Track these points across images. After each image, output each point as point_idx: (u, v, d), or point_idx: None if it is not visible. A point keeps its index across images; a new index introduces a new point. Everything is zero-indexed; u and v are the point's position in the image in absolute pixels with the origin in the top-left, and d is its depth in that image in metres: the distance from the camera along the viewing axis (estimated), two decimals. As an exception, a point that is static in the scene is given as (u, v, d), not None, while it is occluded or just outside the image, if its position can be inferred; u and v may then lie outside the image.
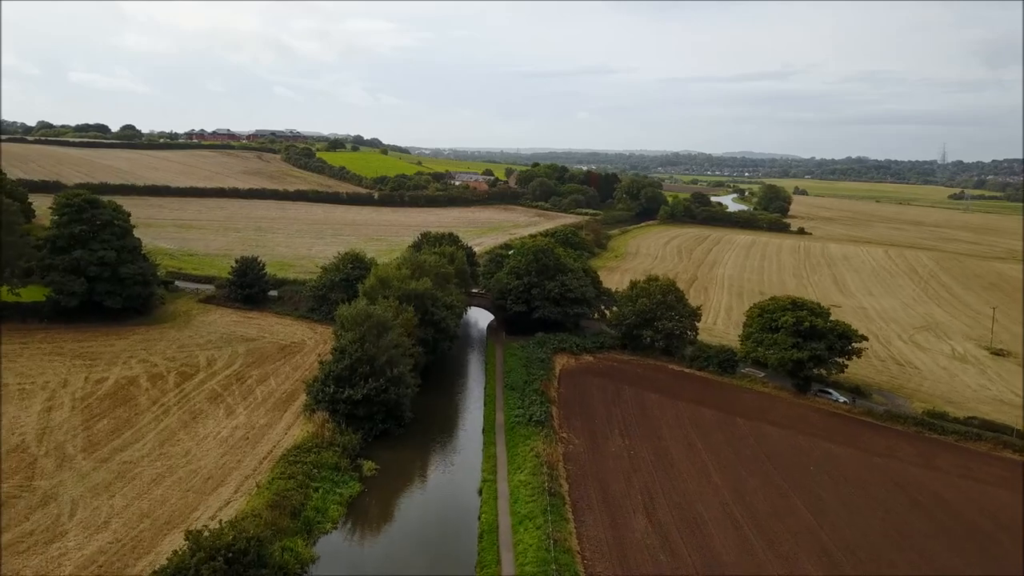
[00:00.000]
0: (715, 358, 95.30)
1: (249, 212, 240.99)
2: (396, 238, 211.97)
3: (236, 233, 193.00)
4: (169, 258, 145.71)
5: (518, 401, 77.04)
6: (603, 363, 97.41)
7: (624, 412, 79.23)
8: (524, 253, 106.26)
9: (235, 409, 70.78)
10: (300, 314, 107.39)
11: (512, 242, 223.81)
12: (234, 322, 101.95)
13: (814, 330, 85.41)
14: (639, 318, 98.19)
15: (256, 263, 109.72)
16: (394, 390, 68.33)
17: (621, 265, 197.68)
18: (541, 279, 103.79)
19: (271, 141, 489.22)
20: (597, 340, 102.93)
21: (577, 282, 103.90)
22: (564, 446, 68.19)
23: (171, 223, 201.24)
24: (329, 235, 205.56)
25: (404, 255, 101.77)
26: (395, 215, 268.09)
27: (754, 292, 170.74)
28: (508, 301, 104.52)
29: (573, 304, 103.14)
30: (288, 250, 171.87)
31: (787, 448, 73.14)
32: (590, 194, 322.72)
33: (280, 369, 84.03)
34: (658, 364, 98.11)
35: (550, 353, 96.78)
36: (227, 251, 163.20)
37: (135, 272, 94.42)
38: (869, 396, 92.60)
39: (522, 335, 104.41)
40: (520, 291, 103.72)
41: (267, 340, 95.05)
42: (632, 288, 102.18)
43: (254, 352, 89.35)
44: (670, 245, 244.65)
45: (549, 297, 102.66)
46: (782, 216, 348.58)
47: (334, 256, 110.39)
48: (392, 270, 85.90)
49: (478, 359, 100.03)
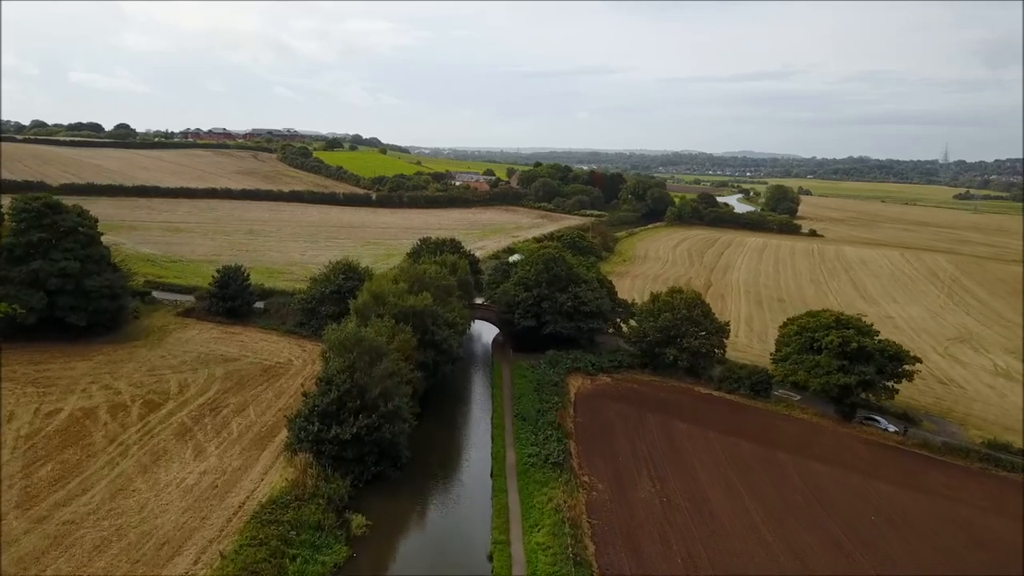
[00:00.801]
0: (746, 380, 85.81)
1: (241, 214, 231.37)
2: (394, 241, 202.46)
3: (225, 237, 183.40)
4: (150, 265, 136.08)
5: (531, 435, 67.51)
6: (622, 385, 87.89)
7: (650, 446, 69.72)
8: (533, 262, 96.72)
9: (205, 448, 61.24)
10: (287, 329, 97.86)
11: (516, 245, 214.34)
12: (214, 339, 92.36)
13: (862, 351, 75.96)
14: (662, 335, 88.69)
15: (239, 273, 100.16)
16: (389, 427, 58.83)
17: (631, 270, 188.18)
18: (552, 291, 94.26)
19: (268, 140, 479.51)
20: (614, 358, 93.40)
21: (592, 294, 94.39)
22: (586, 493, 58.67)
23: (158, 226, 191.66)
24: (323, 239, 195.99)
25: (401, 265, 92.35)
26: (393, 217, 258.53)
27: (772, 300, 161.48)
28: (516, 315, 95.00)
29: (588, 318, 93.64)
30: (279, 255, 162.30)
31: (840, 490, 63.66)
32: (594, 195, 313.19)
33: (261, 396, 74.45)
34: (682, 386, 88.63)
35: (563, 374, 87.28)
36: (214, 256, 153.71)
37: (102, 285, 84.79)
38: (919, 423, 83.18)
39: (531, 352, 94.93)
40: (529, 304, 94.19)
41: (249, 360, 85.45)
42: (653, 301, 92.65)
43: (233, 375, 79.77)
44: (679, 248, 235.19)
45: (561, 311, 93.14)
46: (791, 217, 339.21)
47: (325, 265, 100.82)
48: (387, 283, 76.36)
49: (483, 380, 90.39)
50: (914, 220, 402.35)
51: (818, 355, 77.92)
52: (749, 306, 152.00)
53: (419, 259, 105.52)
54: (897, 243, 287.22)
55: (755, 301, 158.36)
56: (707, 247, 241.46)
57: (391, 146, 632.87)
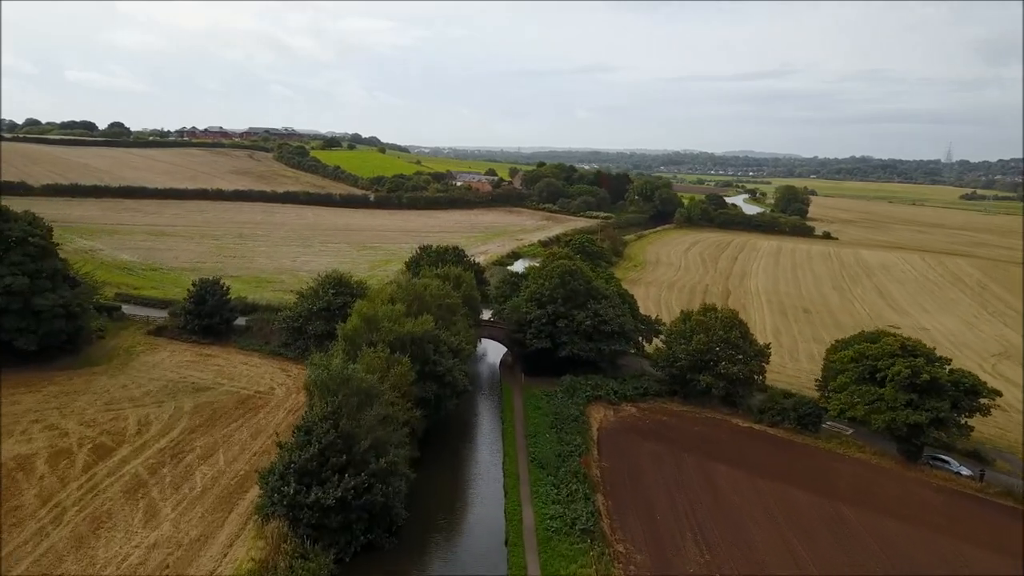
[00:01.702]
0: (792, 412, 75.10)
1: (232, 216, 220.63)
2: (392, 245, 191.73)
3: (213, 241, 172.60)
4: (126, 274, 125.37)
5: (551, 488, 56.78)
6: (650, 417, 77.19)
7: (692, 499, 59.05)
8: (547, 275, 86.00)
9: (160, 509, 50.54)
10: (271, 350, 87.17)
11: (520, 249, 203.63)
12: (186, 363, 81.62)
13: (933, 383, 65.25)
14: (695, 359, 78.00)
15: (217, 287, 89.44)
16: (381, 488, 48.13)
17: (643, 276, 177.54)
18: (569, 308, 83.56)
19: (264, 139, 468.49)
20: (639, 385, 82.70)
21: (613, 311, 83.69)
22: (623, 567, 47.99)
23: (142, 229, 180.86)
24: (318, 243, 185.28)
25: (398, 280, 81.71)
26: (392, 219, 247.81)
27: (797, 310, 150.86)
28: (528, 335, 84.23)
29: (609, 339, 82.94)
30: (269, 262, 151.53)
31: (925, 558, 52.98)
32: (600, 195, 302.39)
33: (234, 436, 63.75)
34: (718, 417, 77.95)
35: (583, 404, 76.61)
36: (198, 264, 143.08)
37: (55, 303, 74.01)
38: (992, 462, 72.53)
39: (545, 375, 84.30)
40: (543, 323, 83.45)
41: (224, 389, 74.72)
42: (685, 321, 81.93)
43: (204, 409, 69.05)
44: (691, 252, 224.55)
45: (579, 330, 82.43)
46: (802, 219, 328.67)
47: (314, 277, 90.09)
48: (382, 304, 65.65)
49: (491, 411, 79.53)
50: (927, 222, 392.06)
51: (880, 387, 67.18)
52: (774, 317, 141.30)
53: (418, 271, 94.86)
54: (914, 246, 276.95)
55: (779, 312, 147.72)
56: (720, 251, 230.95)
57: (390, 145, 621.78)
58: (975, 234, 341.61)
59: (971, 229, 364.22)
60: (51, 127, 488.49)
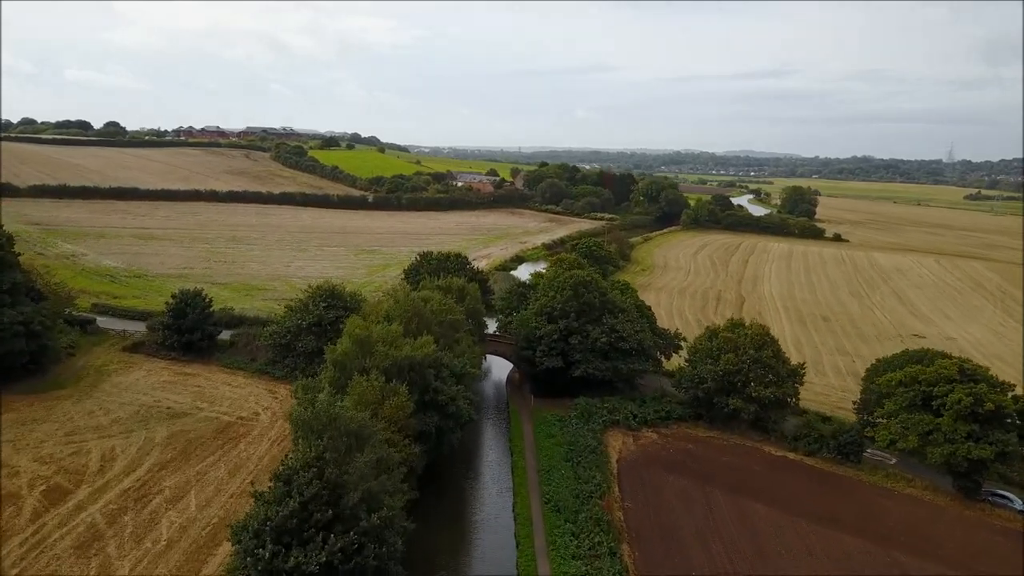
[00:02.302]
0: (831, 440, 67.84)
1: (226, 218, 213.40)
2: (391, 248, 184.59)
3: (204, 245, 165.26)
4: (108, 282, 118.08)
5: (569, 539, 49.53)
6: (673, 445, 69.93)
7: (730, 549, 51.77)
8: (559, 287, 78.69)
9: (116, 571, 43.26)
10: (258, 367, 79.91)
11: (524, 253, 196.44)
12: (163, 383, 74.36)
13: (998, 412, 58.03)
14: (722, 381, 70.74)
15: (199, 299, 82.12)
16: (374, 548, 40.80)
17: (652, 281, 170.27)
18: (583, 323, 76.30)
19: (262, 139, 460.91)
20: (660, 408, 75.42)
21: (631, 326, 76.43)
22: (658, 642, 40.76)
23: (131, 232, 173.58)
24: (314, 246, 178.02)
25: (396, 293, 74.41)
26: (391, 220, 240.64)
27: (816, 318, 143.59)
28: (538, 353, 76.90)
29: (627, 357, 75.66)
30: (261, 267, 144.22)
31: (1004, 624, 45.81)
32: (605, 196, 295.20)
33: (210, 472, 56.51)
34: (748, 445, 70.70)
35: (599, 430, 69.43)
36: (186, 270, 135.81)
37: (14, 320, 66.79)
38: (1055, 497, 65.26)
39: (556, 397, 77.18)
40: (554, 340, 76.15)
41: (203, 415, 67.47)
42: (711, 339, 74.59)
43: (178, 439, 61.80)
44: (701, 255, 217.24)
45: (594, 348, 75.18)
46: (809, 220, 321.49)
47: (304, 290, 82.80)
48: (376, 323, 58.41)
49: (498, 439, 72.18)
50: (935, 222, 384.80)
51: (936, 415, 59.92)
52: (793, 327, 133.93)
53: (418, 281, 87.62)
54: (926, 248, 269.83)
55: (798, 320, 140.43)
56: (729, 254, 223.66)
57: (390, 145, 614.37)
58: (985, 235, 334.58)
59: (981, 230, 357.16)
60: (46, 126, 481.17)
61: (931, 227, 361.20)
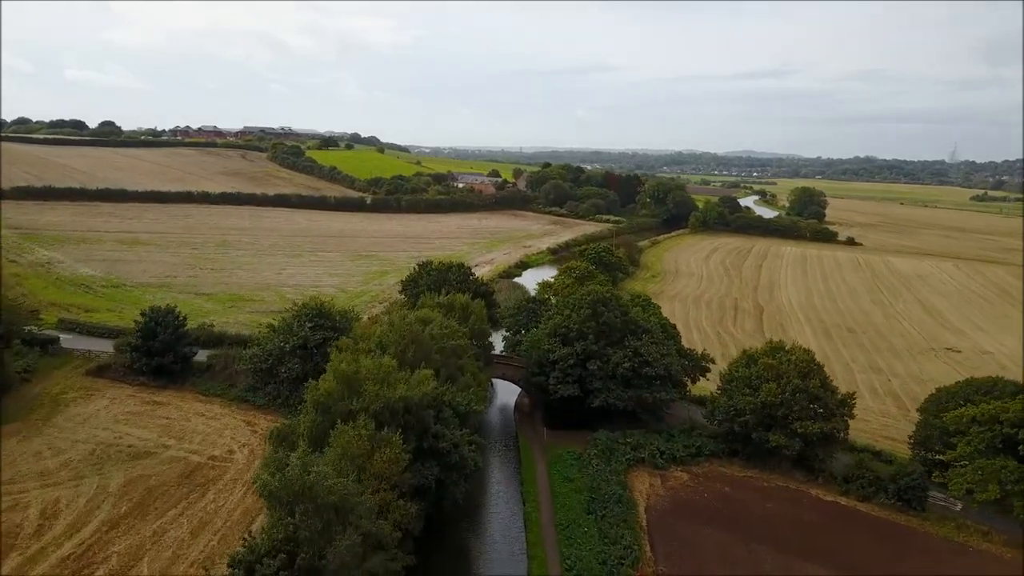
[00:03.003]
0: (889, 484, 59.09)
1: (218, 221, 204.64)
2: (389, 253, 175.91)
3: (192, 250, 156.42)
4: (81, 293, 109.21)
5: (600, 624, 40.78)
6: (707, 487, 61.18)
7: (790, 630, 43.03)
8: (575, 305, 69.90)
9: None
10: (237, 395, 71.14)
11: (529, 258, 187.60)
12: (127, 415, 65.61)
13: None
14: (763, 414, 62.02)
15: (172, 317, 73.32)
16: (358, 659, 32.16)
17: (664, 289, 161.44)
18: (602, 345, 67.54)
19: (259, 139, 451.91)
20: (690, 442, 66.62)
21: (657, 349, 67.68)
22: None
23: (114, 237, 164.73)
24: (308, 251, 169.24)
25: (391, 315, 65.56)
26: (390, 223, 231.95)
27: (840, 329, 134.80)
28: (551, 379, 68.07)
29: (652, 385, 66.87)
30: (250, 275, 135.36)
31: None
32: (610, 198, 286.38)
33: (169, 532, 47.77)
34: (792, 487, 61.92)
35: (622, 470, 60.76)
36: (168, 279, 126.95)
37: (-50, 346, 58.26)
38: None
39: (571, 429, 68.48)
40: (570, 365, 67.32)
41: (169, 454, 58.75)
42: (748, 364, 65.81)
43: (137, 485, 53.10)
44: (712, 260, 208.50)
45: (615, 374, 66.42)
46: (819, 222, 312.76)
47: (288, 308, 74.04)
48: (366, 355, 49.68)
49: (508, 483, 63.16)
50: (949, 225, 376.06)
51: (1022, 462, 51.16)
52: (818, 339, 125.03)
53: (417, 294, 78.88)
54: (944, 252, 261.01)
55: (822, 332, 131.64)
56: (742, 258, 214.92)
57: (390, 145, 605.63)
58: (1001, 238, 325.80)
59: (996, 233, 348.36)
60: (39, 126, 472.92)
61: (944, 230, 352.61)
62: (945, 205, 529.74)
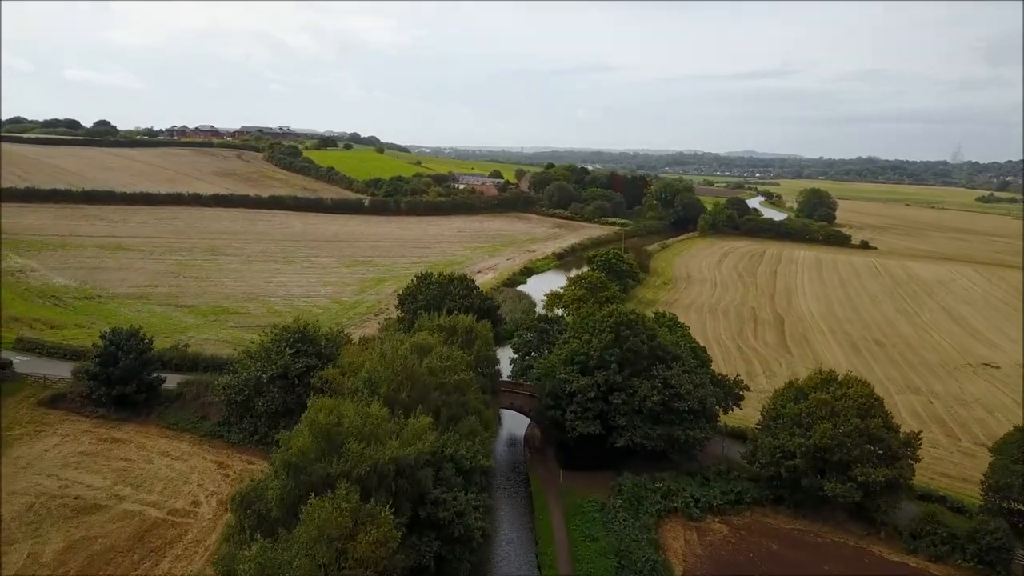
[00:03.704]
0: (968, 543, 50.34)
1: (208, 224, 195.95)
2: (387, 259, 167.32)
3: (178, 257, 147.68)
4: (52, 305, 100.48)
5: None
6: (750, 543, 52.42)
7: None
8: (594, 328, 61.13)
9: None
10: (209, 429, 62.42)
11: (534, 264, 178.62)
12: (79, 457, 56.84)
13: None
14: (815, 458, 53.30)
15: (135, 341, 64.56)
16: None
17: (679, 297, 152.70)
18: (627, 375, 58.82)
19: (256, 139, 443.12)
20: (728, 488, 57.88)
21: (689, 379, 58.95)
22: None
23: (97, 242, 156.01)
24: (301, 257, 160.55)
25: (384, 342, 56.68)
26: (388, 226, 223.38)
27: (868, 342, 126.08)
28: (568, 414, 59.27)
29: (684, 420, 58.15)
30: (237, 284, 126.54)
31: None
32: (616, 200, 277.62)
33: (111, 616, 39.03)
34: (851, 544, 53.12)
35: (652, 523, 52.06)
36: (149, 289, 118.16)
37: None
38: None
39: (591, 470, 59.82)
40: (591, 398, 58.55)
41: (123, 507, 50.00)
42: (797, 399, 57.01)
43: (78, 552, 44.36)
44: (725, 265, 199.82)
45: (643, 409, 57.69)
46: (829, 224, 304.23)
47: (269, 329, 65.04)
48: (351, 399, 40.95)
49: (517, 538, 54.32)
50: (959, 227, 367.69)
51: None
52: (846, 354, 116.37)
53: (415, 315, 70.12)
54: (960, 256, 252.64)
55: (848, 345, 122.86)
56: (755, 263, 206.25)
57: (390, 145, 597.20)
58: (1013, 240, 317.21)
59: (1008, 235, 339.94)
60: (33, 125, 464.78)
61: (955, 232, 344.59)
62: (951, 206, 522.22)
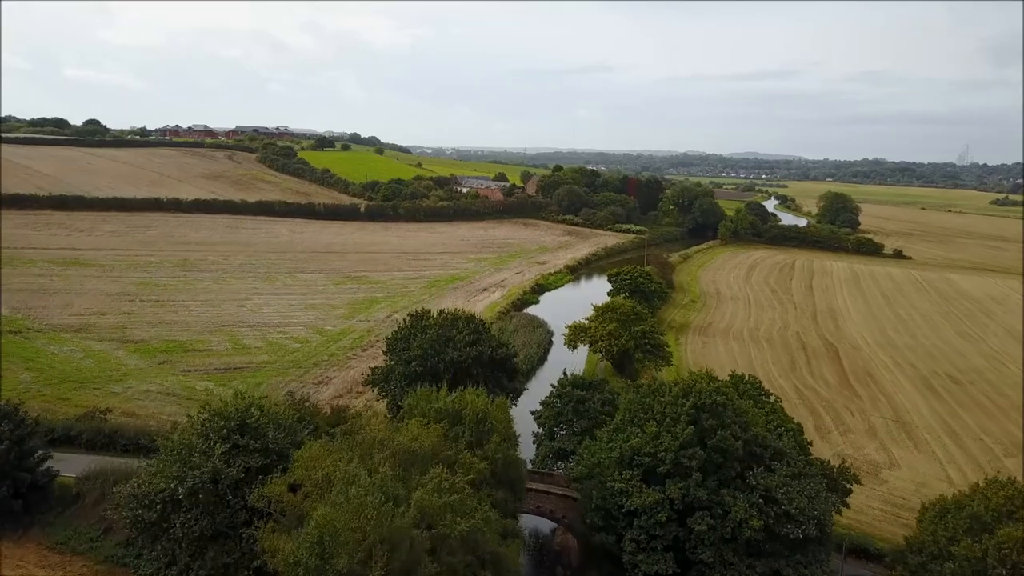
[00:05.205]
0: None
1: (185, 233, 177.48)
2: (382, 274, 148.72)
3: (141, 274, 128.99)
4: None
5: None
6: None
7: None
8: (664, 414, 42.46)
9: None
10: (110, 552, 43.94)
11: (546, 279, 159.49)
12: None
13: None
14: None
15: (8, 424, 45.89)
16: None
17: (713, 320, 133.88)
18: (714, 482, 40.25)
19: (250, 138, 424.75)
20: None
21: (799, 488, 40.36)
22: None
23: (50, 256, 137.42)
24: (285, 273, 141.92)
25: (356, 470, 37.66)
26: (385, 234, 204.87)
27: (941, 377, 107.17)
28: (627, 543, 40.54)
29: (794, 548, 39.60)
30: (204, 309, 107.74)
31: None
32: (630, 205, 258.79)
33: None
34: None
35: None
36: (95, 317, 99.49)
37: None
38: None
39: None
40: (662, 521, 39.94)
41: None
42: (972, 529, 38.27)
43: None
44: (754, 279, 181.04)
45: (738, 536, 39.11)
46: (853, 231, 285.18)
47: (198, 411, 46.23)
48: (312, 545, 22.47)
49: None
50: (987, 233, 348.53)
51: None
52: (922, 395, 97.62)
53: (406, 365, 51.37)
54: (1002, 267, 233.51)
55: (921, 382, 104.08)
56: (786, 276, 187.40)
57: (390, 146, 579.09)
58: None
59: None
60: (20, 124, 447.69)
61: (984, 238, 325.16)
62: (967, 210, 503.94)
